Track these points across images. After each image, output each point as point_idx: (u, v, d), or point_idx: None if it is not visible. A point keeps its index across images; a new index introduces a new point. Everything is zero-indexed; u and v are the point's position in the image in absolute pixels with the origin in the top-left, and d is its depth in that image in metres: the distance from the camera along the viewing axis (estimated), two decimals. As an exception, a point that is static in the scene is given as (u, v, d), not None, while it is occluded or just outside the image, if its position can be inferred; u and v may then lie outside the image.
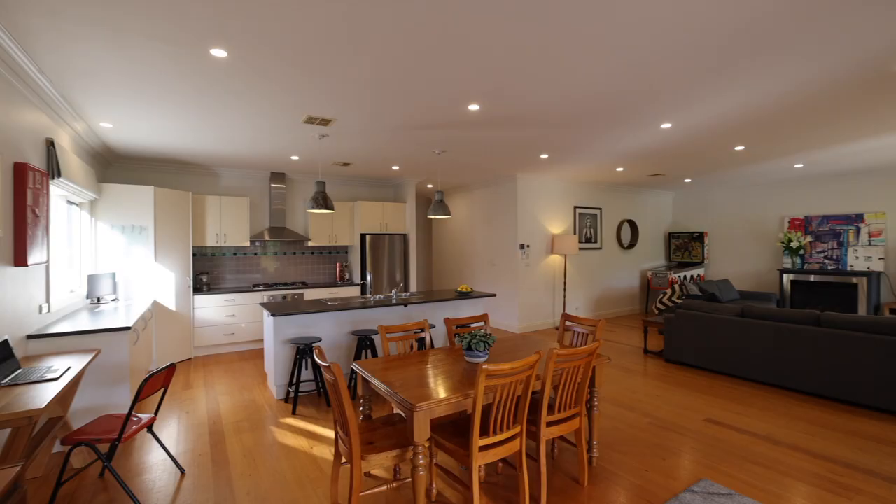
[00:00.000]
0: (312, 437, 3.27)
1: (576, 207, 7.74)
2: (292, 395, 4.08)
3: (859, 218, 6.96)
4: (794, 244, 7.35)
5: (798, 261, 7.46)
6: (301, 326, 4.24)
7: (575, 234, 7.71)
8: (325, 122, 4.02)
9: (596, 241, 8.09)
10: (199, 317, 5.67)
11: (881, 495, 2.49)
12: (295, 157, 5.58)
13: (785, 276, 7.43)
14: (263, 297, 6.10)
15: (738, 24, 2.27)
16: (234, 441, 3.19)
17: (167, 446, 3.10)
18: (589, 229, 7.96)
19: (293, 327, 4.20)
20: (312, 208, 4.51)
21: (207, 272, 6.14)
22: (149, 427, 2.63)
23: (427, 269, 9.82)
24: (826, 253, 7.31)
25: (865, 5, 2.10)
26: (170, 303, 5.26)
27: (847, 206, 7.11)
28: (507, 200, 7.17)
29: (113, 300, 4.66)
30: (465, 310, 5.27)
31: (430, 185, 8.19)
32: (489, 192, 7.62)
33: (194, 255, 6.13)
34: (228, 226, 6.08)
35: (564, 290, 7.36)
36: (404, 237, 7.25)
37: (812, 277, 7.11)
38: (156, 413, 2.71)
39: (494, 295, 5.21)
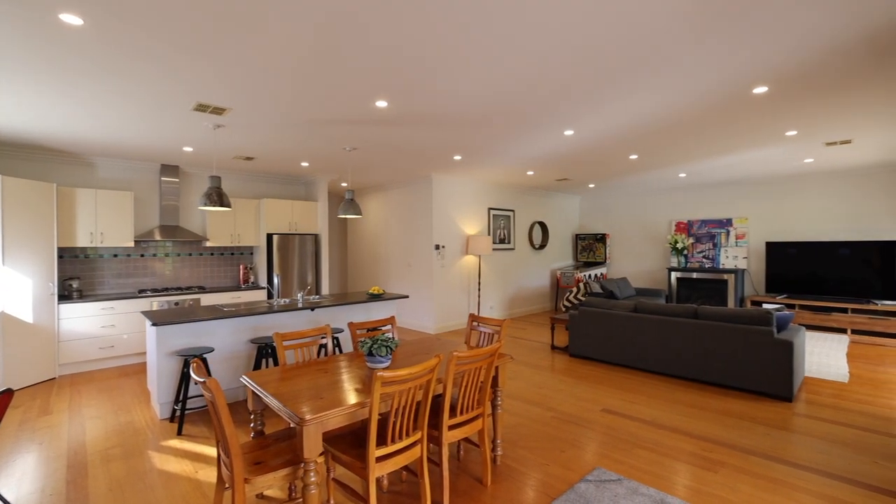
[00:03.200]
0: (199, 460, 2.94)
1: (490, 209, 7.95)
2: (179, 413, 3.65)
3: (729, 222, 7.99)
4: (679, 245, 8.23)
5: (682, 260, 8.37)
6: (191, 336, 3.81)
7: (489, 234, 7.92)
8: (218, 110, 3.66)
9: (509, 242, 8.38)
10: (67, 329, 4.89)
11: (739, 465, 2.81)
12: (188, 149, 5.04)
13: (672, 273, 8.28)
14: (152, 303, 5.43)
15: (624, 39, 2.42)
16: (99, 473, 2.75)
17: (5, 489, 2.59)
18: (503, 230, 8.22)
19: (181, 337, 3.76)
20: (206, 205, 4.09)
21: (79, 277, 5.31)
22: (-25, 467, 2.16)
23: (342, 270, 9.48)
24: (704, 253, 8.29)
25: (726, 33, 2.36)
26: (24, 314, 4.46)
27: (720, 211, 8.13)
28: (423, 201, 7.14)
29: (-58, 313, 3.83)
30: (376, 312, 5.14)
31: (344, 184, 7.91)
32: (405, 192, 7.55)
33: (61, 256, 5.28)
34: (107, 223, 5.33)
35: (479, 289, 7.52)
36: (316, 237, 6.91)
37: (694, 275, 8.00)
38: (-14, 449, 2.23)
39: (407, 296, 5.14)
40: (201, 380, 1.93)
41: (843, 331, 6.47)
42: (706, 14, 2.17)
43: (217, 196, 4.12)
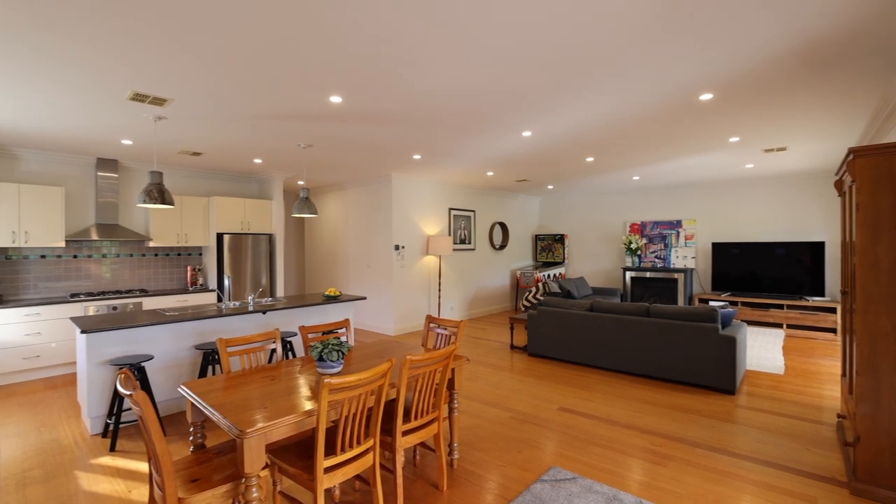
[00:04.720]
0: (134, 478, 2.72)
1: (451, 209, 7.92)
2: (112, 427, 3.37)
3: (679, 224, 8.36)
4: (634, 245, 8.53)
5: (636, 260, 8.68)
6: (128, 343, 3.54)
7: (450, 235, 7.90)
8: (158, 101, 3.42)
9: (470, 243, 8.39)
10: (-16, 338, 4.43)
11: (687, 458, 2.91)
12: (127, 142, 4.69)
13: (627, 273, 8.57)
14: (87, 308, 5.02)
15: (582, 44, 2.44)
16: (12, 500, 2.48)
17: None
18: (463, 231, 8.23)
19: (116, 345, 3.48)
20: (145, 202, 3.81)
21: (-1, 280, 4.83)
22: None
23: (299, 272, 9.18)
24: (656, 253, 8.63)
25: (674, 41, 2.42)
26: (-68, 322, 4.00)
27: (670, 213, 8.49)
28: (383, 200, 7.02)
29: None
30: (332, 315, 4.98)
31: (300, 182, 7.65)
32: (364, 191, 7.39)
33: (-22, 258, 4.79)
34: (32, 221, 4.87)
35: (439, 290, 7.47)
36: (270, 237, 6.64)
37: (647, 274, 8.32)
38: None
39: (364, 298, 5.02)
40: (128, 392, 1.76)
41: (779, 326, 6.91)
42: (656, 23, 2.22)
43: (158, 192, 3.85)
